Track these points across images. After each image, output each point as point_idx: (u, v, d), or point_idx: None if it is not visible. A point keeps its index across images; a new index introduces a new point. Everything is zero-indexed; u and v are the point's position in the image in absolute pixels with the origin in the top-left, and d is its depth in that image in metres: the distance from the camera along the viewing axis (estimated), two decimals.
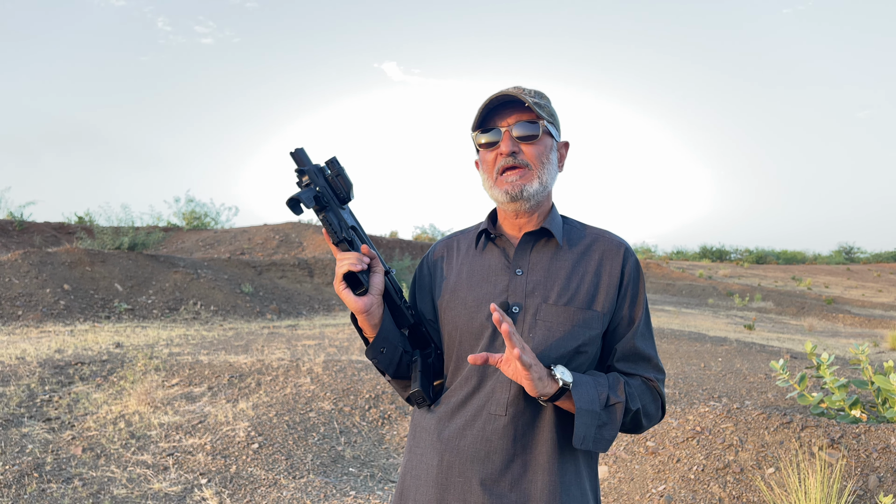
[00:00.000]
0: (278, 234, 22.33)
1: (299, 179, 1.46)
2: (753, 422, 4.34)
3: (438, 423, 1.50)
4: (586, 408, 1.38)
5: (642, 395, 1.48)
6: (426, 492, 1.47)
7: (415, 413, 1.61)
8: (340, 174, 1.48)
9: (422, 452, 1.51)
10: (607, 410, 1.41)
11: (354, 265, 1.43)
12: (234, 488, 4.16)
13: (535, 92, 1.53)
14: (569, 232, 1.57)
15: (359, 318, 1.51)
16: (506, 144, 1.48)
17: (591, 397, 1.40)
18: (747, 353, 9.62)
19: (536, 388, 1.34)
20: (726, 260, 49.99)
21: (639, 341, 1.53)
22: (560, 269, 1.51)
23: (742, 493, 3.76)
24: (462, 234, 1.69)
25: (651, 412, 1.51)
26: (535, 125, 1.49)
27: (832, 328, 17.63)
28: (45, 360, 7.37)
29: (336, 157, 1.48)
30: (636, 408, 1.45)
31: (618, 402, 1.42)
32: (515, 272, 1.51)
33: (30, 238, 20.18)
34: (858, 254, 53.30)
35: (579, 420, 1.37)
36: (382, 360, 1.53)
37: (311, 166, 1.46)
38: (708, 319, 17.54)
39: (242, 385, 6.36)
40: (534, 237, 1.54)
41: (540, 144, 1.50)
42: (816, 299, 26.01)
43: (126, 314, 12.73)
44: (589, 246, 1.55)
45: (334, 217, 1.46)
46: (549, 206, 1.58)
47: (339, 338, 10.06)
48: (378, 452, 5.07)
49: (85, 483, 4.19)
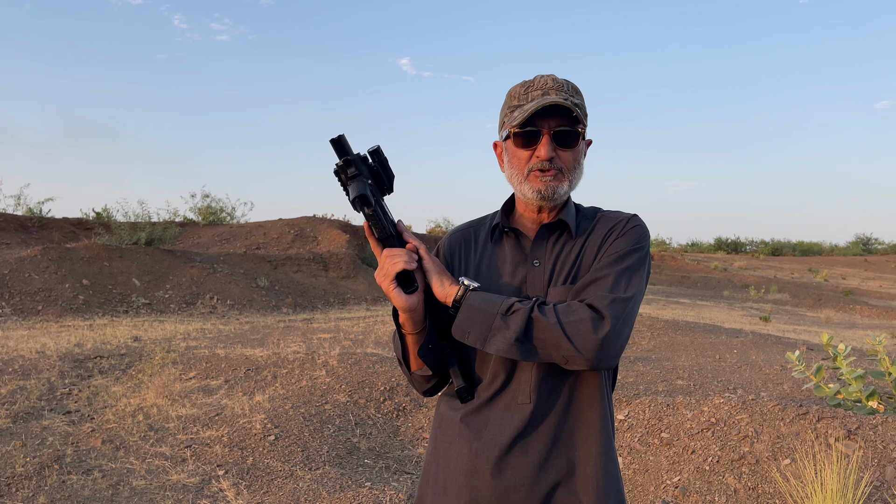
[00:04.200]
0: (293, 229, 22.42)
1: (344, 169, 1.37)
2: (769, 413, 4.33)
3: (466, 415, 1.50)
4: (477, 305, 1.40)
5: (566, 312, 1.36)
6: (456, 479, 1.47)
7: (440, 404, 1.61)
8: (384, 164, 1.42)
9: (450, 441, 1.51)
10: (505, 317, 1.38)
11: (409, 263, 1.40)
12: (250, 480, 4.20)
13: (571, 88, 1.50)
14: (581, 220, 1.56)
15: (402, 317, 1.49)
16: (545, 149, 1.45)
17: (491, 300, 1.41)
18: (763, 344, 9.57)
19: (437, 287, 1.45)
20: (742, 252, 49.59)
21: (600, 271, 1.43)
22: (570, 255, 1.50)
23: (758, 484, 3.76)
24: (478, 225, 1.67)
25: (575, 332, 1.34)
26: (575, 132, 1.47)
27: (849, 320, 17.47)
28: (64, 354, 7.47)
29: (380, 146, 1.42)
30: (551, 321, 1.34)
31: (520, 309, 1.38)
32: (533, 263, 1.51)
33: (49, 234, 20.41)
34: (876, 245, 52.64)
35: (460, 314, 1.41)
36: (430, 358, 1.52)
37: (355, 156, 1.38)
38: (723, 312, 17.44)
39: (258, 378, 6.41)
40: (550, 229, 1.54)
41: (577, 150, 1.50)
42: (833, 291, 25.77)
43: (144, 309, 12.86)
44: (594, 226, 1.54)
45: (381, 211, 1.40)
46: (566, 199, 1.57)
47: (354, 331, 10.11)
48: (393, 444, 5.10)
49: (104, 475, 4.25)
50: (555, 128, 1.46)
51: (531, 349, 1.36)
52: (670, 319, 12.00)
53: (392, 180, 1.43)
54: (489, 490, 1.42)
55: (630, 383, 6.57)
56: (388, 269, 1.41)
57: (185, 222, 25.22)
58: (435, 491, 1.51)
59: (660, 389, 6.26)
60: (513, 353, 1.37)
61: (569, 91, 1.48)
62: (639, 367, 7.53)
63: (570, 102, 1.44)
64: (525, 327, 1.36)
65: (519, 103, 1.48)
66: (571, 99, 1.46)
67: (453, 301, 1.43)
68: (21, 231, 19.86)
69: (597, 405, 1.45)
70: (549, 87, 1.47)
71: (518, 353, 1.37)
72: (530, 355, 1.37)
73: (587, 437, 1.44)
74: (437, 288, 1.45)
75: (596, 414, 1.45)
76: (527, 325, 1.36)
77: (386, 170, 1.42)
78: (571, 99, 1.46)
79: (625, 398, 5.39)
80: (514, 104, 1.50)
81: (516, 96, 1.50)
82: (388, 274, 1.41)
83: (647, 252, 1.49)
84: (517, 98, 1.50)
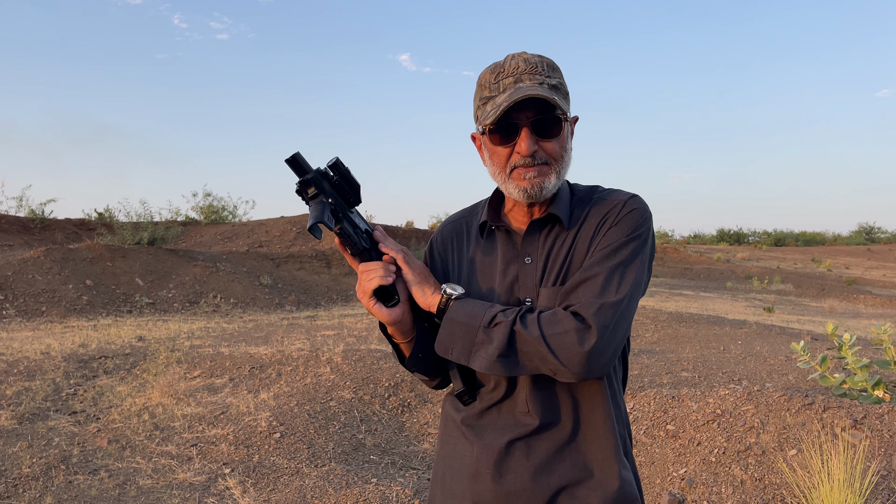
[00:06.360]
0: (295, 227, 22.41)
1: (303, 190, 1.31)
2: (775, 404, 4.32)
3: (468, 418, 1.47)
4: (459, 319, 1.34)
5: (550, 323, 1.28)
6: (460, 483, 1.45)
7: (445, 403, 1.57)
8: (346, 176, 1.35)
9: (454, 443, 1.49)
10: (488, 330, 1.31)
11: (384, 278, 1.35)
12: (256, 477, 4.21)
13: (546, 66, 1.36)
14: (575, 206, 1.44)
15: (389, 329, 1.45)
16: (525, 145, 1.34)
17: (473, 312, 1.34)
18: (767, 335, 9.55)
19: (419, 297, 1.40)
20: (744, 243, 49.52)
21: (590, 269, 1.33)
22: (562, 249, 1.40)
23: (764, 475, 3.75)
24: (470, 215, 1.58)
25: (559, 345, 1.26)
26: (556, 120, 1.35)
27: (853, 309, 17.44)
28: (69, 355, 7.48)
29: (339, 157, 1.34)
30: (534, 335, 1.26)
31: (502, 322, 1.30)
32: (524, 261, 1.43)
33: (52, 235, 20.43)
34: (879, 234, 52.53)
35: (442, 329, 1.36)
36: (421, 366, 1.48)
37: (314, 173, 1.31)
38: (727, 303, 17.42)
39: (263, 376, 6.42)
40: (541, 223, 1.44)
41: (561, 138, 1.37)
42: (837, 280, 25.72)
43: (147, 308, 12.88)
44: (588, 213, 1.41)
45: (349, 226, 1.35)
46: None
47: (357, 327, 10.11)
48: (398, 440, 5.10)
49: (111, 474, 4.26)
50: (532, 118, 1.33)
51: (515, 363, 1.30)
52: (674, 311, 11.98)
53: (358, 191, 1.37)
54: (491, 494, 1.39)
55: (635, 376, 6.57)
56: (364, 286, 1.36)
57: (187, 221, 25.25)
58: (443, 493, 1.50)
59: (664, 381, 6.26)
60: (497, 370, 1.30)
61: (543, 71, 1.35)
62: (643, 359, 7.53)
63: (547, 86, 1.33)
64: (507, 341, 1.28)
65: (490, 94, 1.36)
66: (547, 81, 1.34)
67: (437, 310, 1.38)
68: (24, 232, 19.88)
69: (600, 407, 1.39)
70: (522, 70, 1.34)
71: (502, 368, 1.30)
72: (516, 369, 1.30)
73: (593, 441, 1.38)
74: (419, 298, 1.40)
75: (600, 416, 1.39)
76: (509, 339, 1.28)
77: (349, 181, 1.35)
78: (547, 81, 1.34)
79: (630, 391, 5.38)
80: (485, 95, 1.38)
81: (487, 86, 1.38)
82: (365, 291, 1.36)
83: (646, 238, 1.36)
84: (488, 88, 1.38)
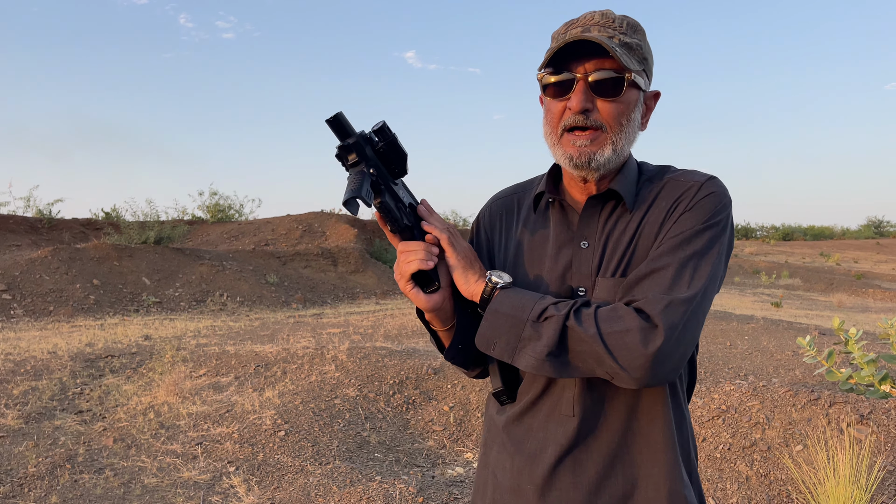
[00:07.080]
0: (301, 225, 22.45)
1: (343, 155, 1.17)
2: (780, 399, 4.30)
3: (508, 422, 1.33)
4: (504, 311, 1.20)
5: (609, 320, 1.13)
6: (502, 496, 1.32)
7: (489, 404, 1.44)
8: (392, 143, 1.19)
9: (496, 450, 1.36)
10: (536, 325, 1.17)
11: (424, 261, 1.22)
12: (261, 475, 4.22)
13: (627, 25, 1.22)
14: (643, 185, 1.28)
15: (427, 315, 1.32)
16: (577, 99, 1.19)
17: (521, 304, 1.20)
18: (774, 330, 9.50)
19: (461, 284, 1.26)
20: (752, 237, 49.33)
21: (659, 259, 1.17)
22: (625, 234, 1.24)
23: (769, 470, 3.73)
24: (523, 191, 1.43)
25: (619, 345, 1.11)
26: (619, 78, 1.19)
27: (862, 304, 17.35)
28: (76, 354, 7.52)
29: (385, 122, 1.20)
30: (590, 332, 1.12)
31: (553, 316, 1.15)
32: (580, 245, 1.27)
33: (59, 235, 20.52)
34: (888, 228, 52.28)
35: (485, 321, 1.22)
36: (461, 359, 1.34)
37: (356, 137, 1.16)
38: (734, 298, 17.36)
39: (268, 374, 6.43)
40: (601, 201, 1.28)
41: (621, 102, 1.21)
42: (845, 275, 25.59)
43: (154, 307, 12.92)
44: (658, 195, 1.25)
45: (391, 200, 1.20)
46: (622, 163, 1.29)
47: (363, 325, 10.12)
48: (403, 437, 5.10)
49: (116, 473, 4.27)
50: (591, 72, 1.18)
51: (566, 364, 1.15)
52: None
53: (404, 161, 1.21)
54: None
55: None
56: (402, 268, 1.23)
57: (193, 220, 25.30)
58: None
59: None
60: (545, 370, 1.16)
61: (620, 28, 1.20)
62: None
63: (618, 41, 1.18)
64: (559, 339, 1.14)
65: (556, 45, 1.22)
66: (621, 37, 1.19)
67: (480, 300, 1.25)
68: (31, 233, 19.97)
69: (659, 417, 1.23)
70: (594, 22, 1.20)
71: (551, 368, 1.16)
72: (566, 371, 1.16)
73: (649, 456, 1.23)
74: (461, 285, 1.27)
75: (659, 427, 1.23)
76: (560, 336, 1.14)
77: (396, 150, 1.20)
78: (621, 37, 1.19)
79: None
80: (550, 48, 1.25)
81: (555, 37, 1.26)
82: (402, 274, 1.24)
83: (724, 227, 1.20)
84: (555, 39, 1.25)
